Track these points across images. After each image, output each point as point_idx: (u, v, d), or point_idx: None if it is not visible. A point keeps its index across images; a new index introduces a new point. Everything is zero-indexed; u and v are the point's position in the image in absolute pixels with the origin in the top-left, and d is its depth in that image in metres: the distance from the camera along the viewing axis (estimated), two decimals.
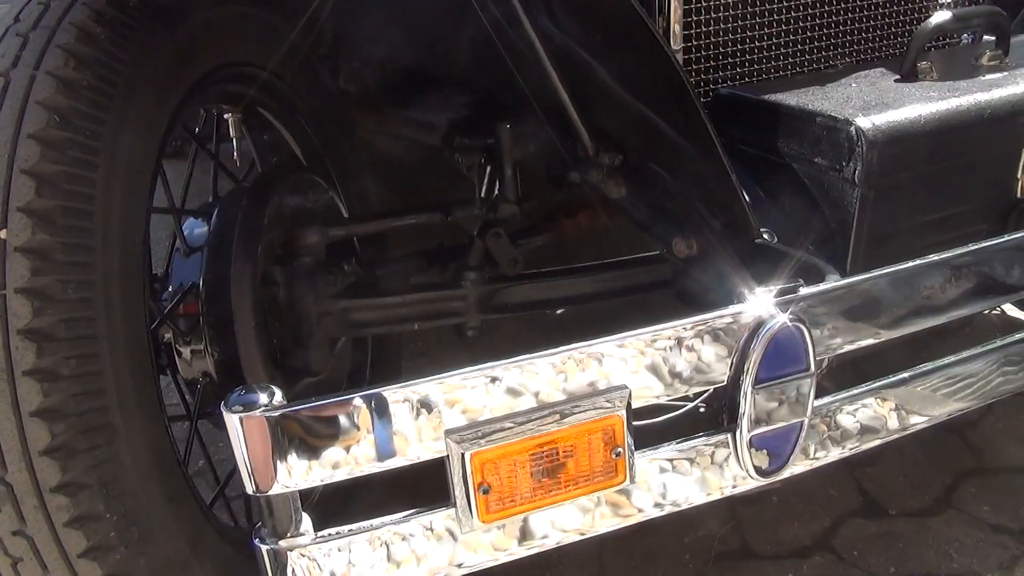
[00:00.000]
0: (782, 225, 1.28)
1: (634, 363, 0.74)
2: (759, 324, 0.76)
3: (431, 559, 0.74)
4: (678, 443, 0.80)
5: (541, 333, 2.15)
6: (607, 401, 0.73)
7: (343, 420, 0.68)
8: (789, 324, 0.77)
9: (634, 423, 0.78)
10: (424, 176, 1.90)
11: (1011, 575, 1.50)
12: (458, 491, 0.71)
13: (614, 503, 0.78)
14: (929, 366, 1.01)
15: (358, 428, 0.69)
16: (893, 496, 1.71)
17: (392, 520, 0.73)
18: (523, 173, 1.58)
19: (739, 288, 0.78)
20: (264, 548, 0.70)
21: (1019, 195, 1.32)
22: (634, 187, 1.37)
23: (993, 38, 1.44)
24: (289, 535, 0.70)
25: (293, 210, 1.36)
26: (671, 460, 0.79)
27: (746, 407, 0.77)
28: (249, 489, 0.68)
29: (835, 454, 0.84)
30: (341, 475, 0.70)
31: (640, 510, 0.78)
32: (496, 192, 1.52)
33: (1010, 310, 2.14)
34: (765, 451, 0.80)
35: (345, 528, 0.72)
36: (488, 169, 1.51)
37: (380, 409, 0.69)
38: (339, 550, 0.71)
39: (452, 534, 0.73)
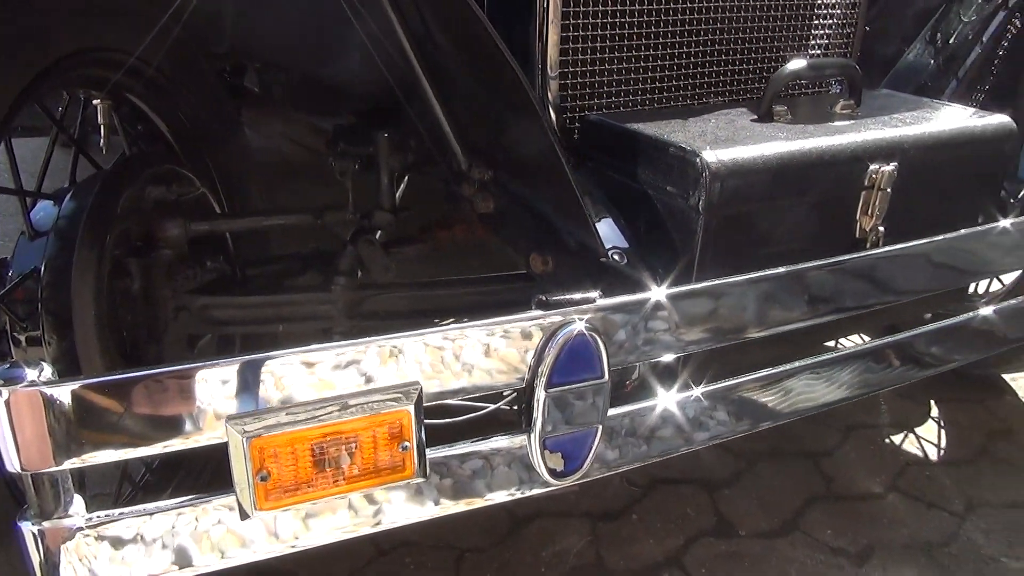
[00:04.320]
0: (638, 247, 1.34)
1: (428, 360, 0.76)
2: (555, 330, 0.80)
3: (209, 545, 0.73)
4: (475, 442, 0.82)
5: None
6: (396, 395, 0.74)
7: (117, 399, 0.67)
8: (585, 332, 0.81)
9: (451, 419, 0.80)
10: (312, 179, 1.90)
11: None
12: (237, 477, 0.72)
13: (404, 497, 0.79)
14: (754, 375, 1.07)
15: (134, 408, 0.68)
16: (745, 517, 1.78)
17: (170, 504, 0.72)
18: (408, 183, 1.60)
19: (539, 296, 0.82)
20: (28, 529, 0.68)
21: (858, 236, 1.42)
22: (501, 203, 1.40)
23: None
24: (56, 516, 0.68)
25: (155, 201, 1.34)
26: (467, 457, 0.81)
27: (539, 410, 0.81)
28: (11, 467, 0.66)
29: (632, 461, 0.88)
30: (113, 455, 0.69)
31: (433, 505, 0.80)
32: (374, 200, 1.54)
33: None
34: (560, 454, 0.83)
35: (116, 511, 0.71)
36: (364, 176, 1.52)
37: (157, 390, 0.69)
38: (112, 532, 0.70)
39: (232, 521, 0.73)
